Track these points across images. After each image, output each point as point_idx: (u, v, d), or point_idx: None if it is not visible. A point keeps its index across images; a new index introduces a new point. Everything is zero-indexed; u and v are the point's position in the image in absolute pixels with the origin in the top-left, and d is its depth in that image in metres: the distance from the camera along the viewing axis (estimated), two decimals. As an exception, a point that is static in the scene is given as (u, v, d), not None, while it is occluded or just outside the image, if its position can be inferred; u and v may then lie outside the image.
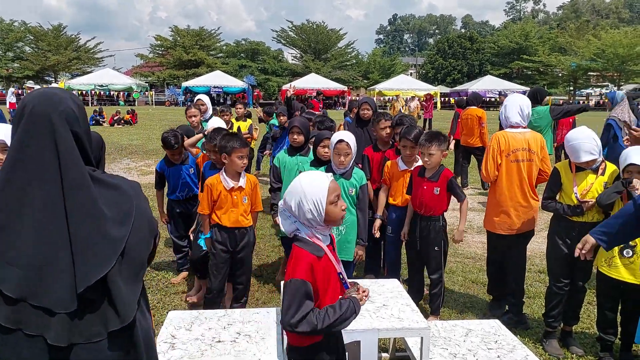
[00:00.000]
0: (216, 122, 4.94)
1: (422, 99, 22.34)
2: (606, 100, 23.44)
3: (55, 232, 1.35)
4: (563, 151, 9.67)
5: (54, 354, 1.37)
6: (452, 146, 10.20)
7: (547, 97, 8.87)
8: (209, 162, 4.27)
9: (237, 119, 8.13)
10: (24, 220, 1.34)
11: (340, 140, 3.87)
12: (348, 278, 3.84)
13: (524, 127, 4.01)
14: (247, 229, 3.88)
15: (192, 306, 4.36)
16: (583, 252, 2.92)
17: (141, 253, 1.49)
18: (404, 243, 4.34)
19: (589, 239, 2.90)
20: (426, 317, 3.75)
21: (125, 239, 1.42)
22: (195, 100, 6.43)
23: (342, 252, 3.83)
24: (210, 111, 6.46)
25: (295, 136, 4.52)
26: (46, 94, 1.43)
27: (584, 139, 3.46)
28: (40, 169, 1.36)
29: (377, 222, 4.35)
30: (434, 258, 4.00)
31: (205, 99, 6.47)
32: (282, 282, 2.32)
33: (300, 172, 4.16)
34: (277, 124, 7.54)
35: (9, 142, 2.93)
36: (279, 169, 4.53)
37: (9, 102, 21.57)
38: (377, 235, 4.37)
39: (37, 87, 26.72)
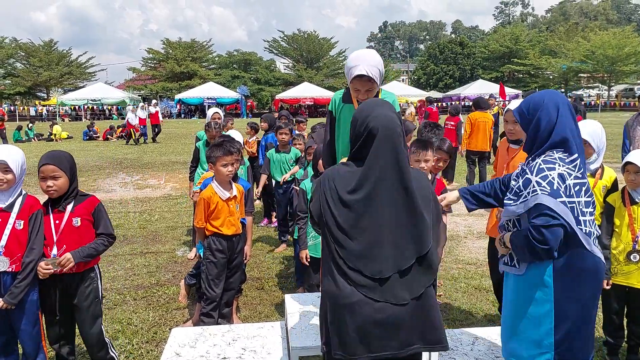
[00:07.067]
0: (236, 135, 4.93)
1: (415, 104, 22.36)
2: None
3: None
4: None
5: None
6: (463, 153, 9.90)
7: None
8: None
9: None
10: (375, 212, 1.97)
11: None
12: None
13: None
14: (240, 235, 3.91)
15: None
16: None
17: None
18: None
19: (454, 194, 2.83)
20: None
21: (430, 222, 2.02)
22: (211, 115, 6.54)
23: None
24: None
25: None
26: (388, 116, 2.01)
27: (590, 135, 3.33)
28: (387, 170, 1.98)
29: None
30: None
31: (220, 111, 6.76)
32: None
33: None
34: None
35: (10, 163, 2.88)
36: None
37: (140, 118, 20.03)
38: None
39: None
